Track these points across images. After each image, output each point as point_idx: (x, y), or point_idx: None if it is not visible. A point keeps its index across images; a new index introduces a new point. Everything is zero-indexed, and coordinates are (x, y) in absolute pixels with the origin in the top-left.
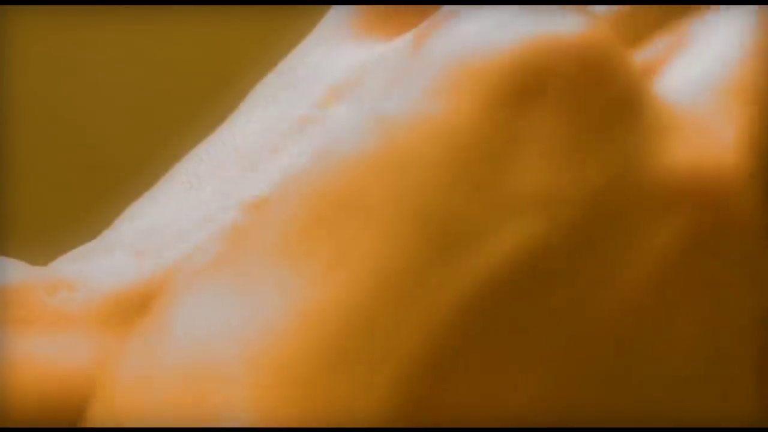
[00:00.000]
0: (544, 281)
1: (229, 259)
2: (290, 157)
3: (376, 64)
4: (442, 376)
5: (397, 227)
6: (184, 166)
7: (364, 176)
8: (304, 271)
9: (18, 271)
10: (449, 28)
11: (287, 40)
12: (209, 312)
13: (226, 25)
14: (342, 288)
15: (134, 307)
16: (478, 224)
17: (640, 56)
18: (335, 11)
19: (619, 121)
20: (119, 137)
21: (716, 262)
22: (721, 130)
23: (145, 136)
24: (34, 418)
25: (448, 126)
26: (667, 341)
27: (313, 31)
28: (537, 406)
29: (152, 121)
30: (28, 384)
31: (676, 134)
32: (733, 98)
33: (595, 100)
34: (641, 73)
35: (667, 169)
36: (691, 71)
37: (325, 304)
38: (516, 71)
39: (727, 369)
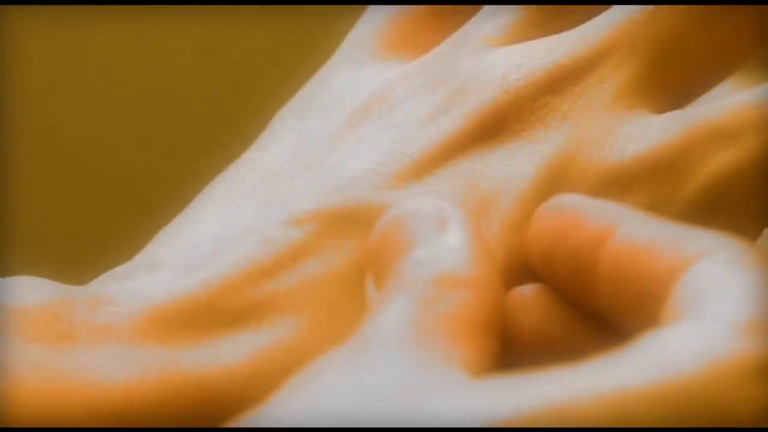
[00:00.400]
0: None
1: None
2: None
3: (399, 83)
4: None
5: None
6: (216, 188)
7: None
8: None
9: (56, 289)
10: None
11: (295, 45)
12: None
13: (234, 26)
14: None
15: (183, 320)
16: None
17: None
18: (355, 32)
19: None
20: (123, 141)
21: None
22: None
23: (151, 139)
24: (74, 425)
25: None
26: None
27: (335, 54)
28: None
29: (159, 125)
30: (74, 397)
31: None
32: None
33: None
34: None
35: None
36: (695, 342)
37: None
38: None
39: None
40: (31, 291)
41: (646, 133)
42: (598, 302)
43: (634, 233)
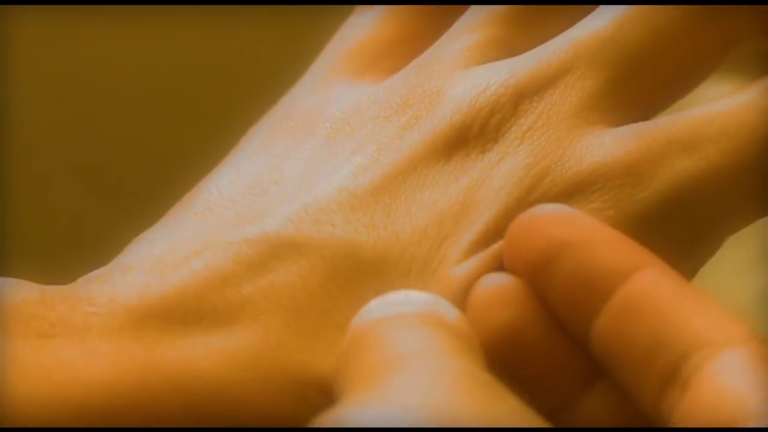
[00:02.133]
0: None
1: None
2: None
3: (368, 104)
4: None
5: None
6: (194, 199)
7: None
8: None
9: (37, 289)
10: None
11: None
12: None
13: (237, 26)
14: None
15: (157, 321)
16: None
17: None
18: (325, 54)
19: None
20: (124, 142)
21: None
22: None
23: (152, 141)
24: (58, 423)
25: None
26: None
27: (304, 76)
28: None
29: (160, 126)
30: (54, 391)
31: None
32: None
33: None
34: None
35: None
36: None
37: None
38: None
39: None
40: (10, 290)
41: (604, 143)
42: (588, 328)
43: (660, 285)
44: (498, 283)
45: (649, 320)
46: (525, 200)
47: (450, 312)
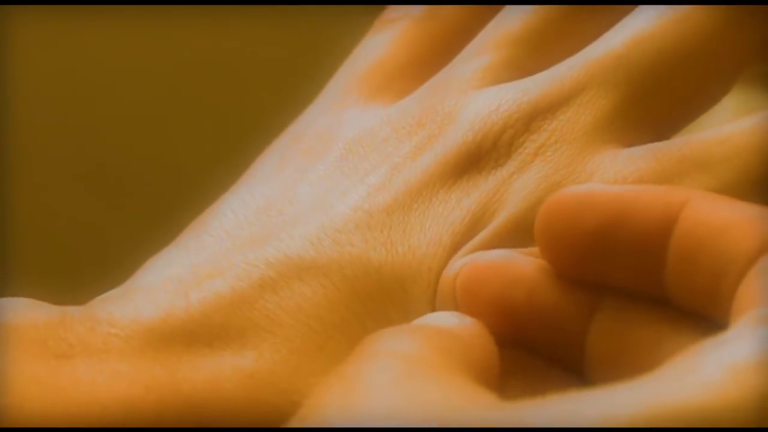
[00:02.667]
0: None
1: None
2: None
3: (382, 125)
4: None
5: None
6: (207, 220)
7: None
8: None
9: (53, 310)
10: None
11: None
12: None
13: (237, 26)
14: None
15: (176, 341)
16: None
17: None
18: (339, 76)
19: None
20: (124, 142)
21: None
22: None
23: (152, 141)
24: None
25: None
26: None
27: (317, 98)
28: None
29: (160, 127)
30: (71, 407)
31: None
32: None
33: None
34: None
35: None
36: None
37: None
38: None
39: None
40: (28, 311)
41: (616, 161)
42: (661, 284)
43: (706, 211)
44: (477, 262)
45: (704, 260)
46: (533, 212)
47: (450, 319)
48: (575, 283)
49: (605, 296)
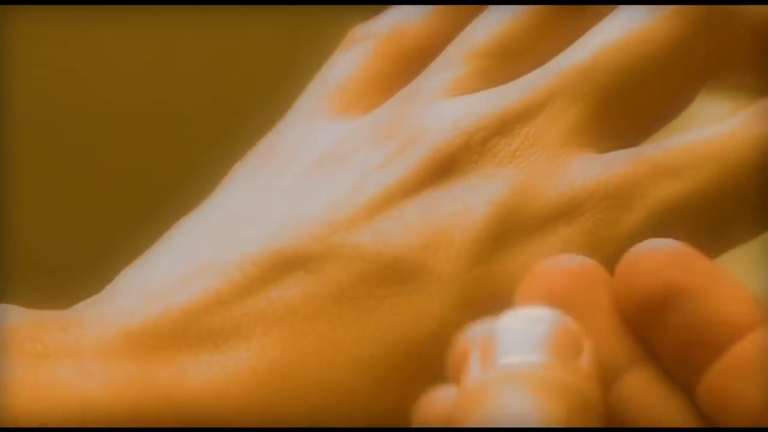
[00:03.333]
0: None
1: None
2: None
3: (353, 135)
4: None
5: None
6: (181, 229)
7: None
8: None
9: (32, 313)
10: None
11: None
12: None
13: (238, 26)
14: None
15: (147, 343)
16: None
17: None
18: (309, 91)
19: None
20: (124, 142)
21: None
22: None
23: (152, 141)
24: None
25: None
26: None
27: (289, 112)
28: None
29: (160, 127)
30: (51, 408)
31: None
32: None
33: None
34: None
35: None
36: None
37: None
38: None
39: None
40: (5, 314)
41: (593, 167)
42: (697, 380)
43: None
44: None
45: (759, 382)
46: (514, 215)
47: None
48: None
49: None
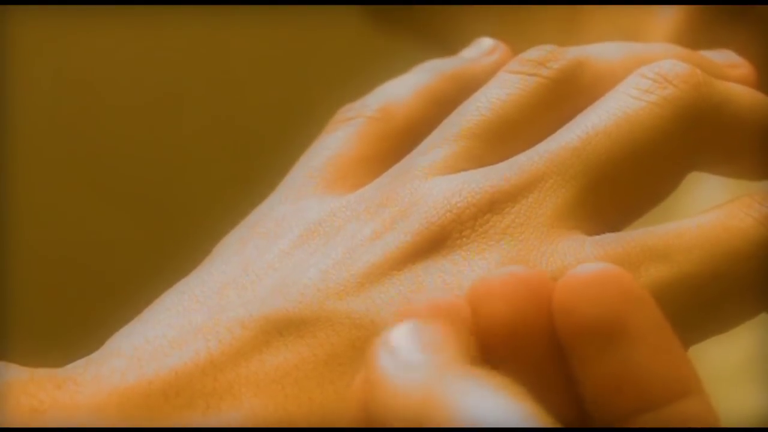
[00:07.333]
0: None
1: None
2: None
3: (342, 210)
4: None
5: None
6: (168, 298)
7: None
8: None
9: (25, 371)
10: None
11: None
12: None
13: (238, 26)
14: None
15: (139, 403)
16: None
17: None
18: (297, 169)
19: None
20: (124, 142)
21: None
22: None
23: (152, 141)
24: None
25: None
26: None
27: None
28: None
29: (160, 127)
30: None
31: None
32: None
33: None
34: None
35: None
36: None
37: None
38: None
39: None
40: (1, 371)
41: (582, 250)
42: (614, 414)
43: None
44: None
45: None
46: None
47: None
48: None
49: None
